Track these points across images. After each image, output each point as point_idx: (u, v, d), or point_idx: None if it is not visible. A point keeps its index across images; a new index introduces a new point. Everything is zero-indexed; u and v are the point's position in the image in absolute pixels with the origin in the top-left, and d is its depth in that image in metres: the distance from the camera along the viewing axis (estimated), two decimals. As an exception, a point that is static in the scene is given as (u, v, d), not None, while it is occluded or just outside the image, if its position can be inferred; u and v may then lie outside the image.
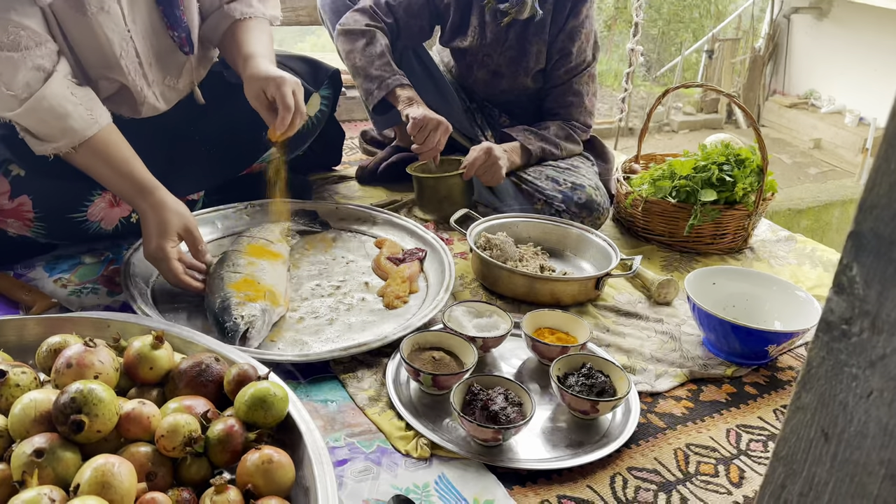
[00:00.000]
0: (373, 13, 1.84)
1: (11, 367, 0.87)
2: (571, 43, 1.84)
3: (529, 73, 1.89)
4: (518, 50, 1.86)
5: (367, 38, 1.79)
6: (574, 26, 1.83)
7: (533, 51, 1.85)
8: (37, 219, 1.35)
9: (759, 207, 1.71)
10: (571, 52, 1.85)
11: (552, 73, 1.89)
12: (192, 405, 0.89)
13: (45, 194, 1.34)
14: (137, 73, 1.41)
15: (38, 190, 1.33)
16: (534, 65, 1.87)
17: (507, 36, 1.85)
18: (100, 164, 1.28)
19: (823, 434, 0.51)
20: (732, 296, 1.42)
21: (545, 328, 1.31)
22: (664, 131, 8.23)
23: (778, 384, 1.30)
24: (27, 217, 1.34)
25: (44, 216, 1.35)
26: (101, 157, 1.27)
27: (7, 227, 1.35)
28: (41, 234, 1.38)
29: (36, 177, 1.32)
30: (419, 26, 1.90)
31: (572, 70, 1.88)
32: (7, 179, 1.30)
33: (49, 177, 1.32)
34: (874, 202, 0.46)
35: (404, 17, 1.86)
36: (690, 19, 11.91)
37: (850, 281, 0.48)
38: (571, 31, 1.83)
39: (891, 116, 0.45)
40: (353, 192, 1.96)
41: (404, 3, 1.86)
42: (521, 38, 1.84)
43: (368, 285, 1.46)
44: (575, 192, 1.73)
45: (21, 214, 1.34)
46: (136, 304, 1.25)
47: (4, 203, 1.32)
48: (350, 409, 1.13)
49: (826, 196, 4.06)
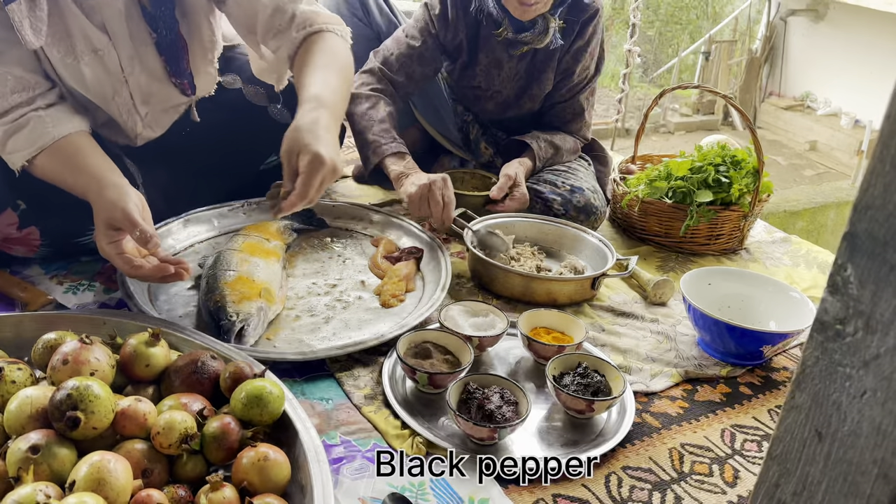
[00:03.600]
0: (381, 75, 1.78)
1: (7, 363, 0.88)
2: (576, 63, 1.80)
3: (537, 101, 1.87)
4: (528, 79, 1.83)
5: (371, 103, 1.73)
6: (579, 47, 1.79)
7: (542, 78, 1.82)
8: (43, 245, 1.37)
9: (754, 209, 1.71)
10: (574, 72, 1.82)
11: (554, 91, 1.86)
12: (188, 402, 0.89)
13: (52, 224, 1.36)
14: (130, 112, 1.41)
15: (45, 221, 1.35)
16: (541, 92, 1.85)
17: (518, 69, 1.81)
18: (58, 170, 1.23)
19: (817, 434, 0.51)
20: (728, 296, 1.43)
21: (541, 328, 1.31)
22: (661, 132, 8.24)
23: (772, 384, 1.30)
24: (34, 244, 1.37)
25: (50, 242, 1.37)
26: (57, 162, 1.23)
27: (13, 252, 1.38)
28: (46, 255, 1.41)
29: (41, 211, 1.33)
30: (433, 69, 1.84)
31: (574, 88, 1.85)
32: (16, 213, 1.32)
33: (54, 210, 1.33)
34: (869, 203, 0.46)
35: (418, 69, 1.80)
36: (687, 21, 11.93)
37: (844, 281, 0.48)
38: (577, 52, 1.79)
39: (885, 118, 0.46)
40: (350, 190, 1.96)
41: (415, 54, 1.78)
42: (531, 67, 1.81)
43: (365, 284, 1.46)
44: (574, 196, 1.73)
45: (28, 242, 1.36)
46: (132, 301, 1.24)
47: (13, 233, 1.34)
48: (346, 407, 1.13)
49: (821, 198, 4.07)
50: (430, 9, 1.79)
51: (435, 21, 1.78)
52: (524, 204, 1.71)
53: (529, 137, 1.82)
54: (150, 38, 1.36)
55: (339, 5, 1.89)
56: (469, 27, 1.78)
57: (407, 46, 1.78)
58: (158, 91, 1.43)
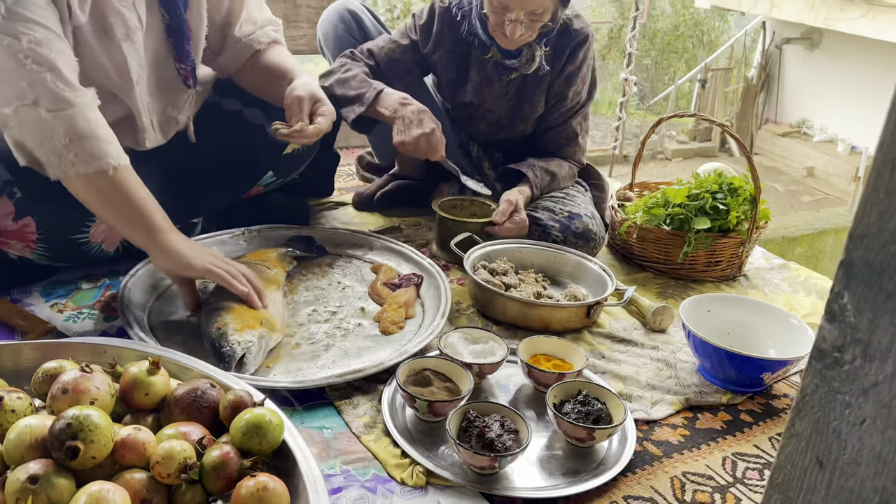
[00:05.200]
0: (352, 56, 1.84)
1: (7, 392, 0.87)
2: (568, 87, 1.84)
3: (528, 123, 1.90)
4: (518, 101, 1.86)
5: (343, 69, 1.79)
6: (571, 72, 1.82)
7: (533, 101, 1.85)
8: (40, 240, 1.35)
9: (752, 235, 1.72)
10: (567, 97, 1.85)
11: (547, 116, 1.89)
12: (188, 432, 0.89)
13: (49, 216, 1.34)
14: (144, 101, 1.43)
15: (41, 211, 1.33)
16: (533, 114, 1.88)
17: (508, 90, 1.84)
18: (117, 199, 1.24)
19: (818, 462, 0.51)
20: (727, 323, 1.43)
21: (541, 355, 1.31)
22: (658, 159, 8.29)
23: (773, 412, 1.30)
24: (31, 238, 1.34)
25: (47, 237, 1.35)
26: (121, 191, 1.23)
27: (9, 248, 1.35)
28: (43, 255, 1.38)
29: (37, 200, 1.32)
30: (405, 69, 1.89)
31: (567, 112, 1.88)
32: (11, 201, 1.30)
33: (51, 200, 1.32)
34: (864, 231, 0.47)
35: (386, 62, 1.86)
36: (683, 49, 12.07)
37: (841, 309, 0.48)
38: (568, 76, 1.83)
39: (878, 148, 0.46)
40: (349, 217, 1.97)
41: (387, 48, 1.86)
42: (522, 90, 1.84)
43: (365, 311, 1.46)
44: (572, 222, 1.74)
45: (25, 236, 1.34)
46: (132, 329, 1.24)
47: (8, 224, 1.32)
48: (345, 436, 1.13)
49: (820, 224, 4.09)
50: (416, 18, 1.89)
51: (417, 29, 1.87)
52: (523, 230, 1.72)
53: (525, 166, 1.84)
54: (162, 19, 1.41)
55: (335, 25, 1.94)
56: (460, 45, 1.84)
57: (385, 41, 1.88)
58: (165, 77, 1.46)
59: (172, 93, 1.50)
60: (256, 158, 1.63)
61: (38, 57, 1.16)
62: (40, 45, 1.16)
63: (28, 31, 1.16)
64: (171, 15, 1.41)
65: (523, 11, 1.62)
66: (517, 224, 1.71)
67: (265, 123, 1.66)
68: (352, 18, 1.96)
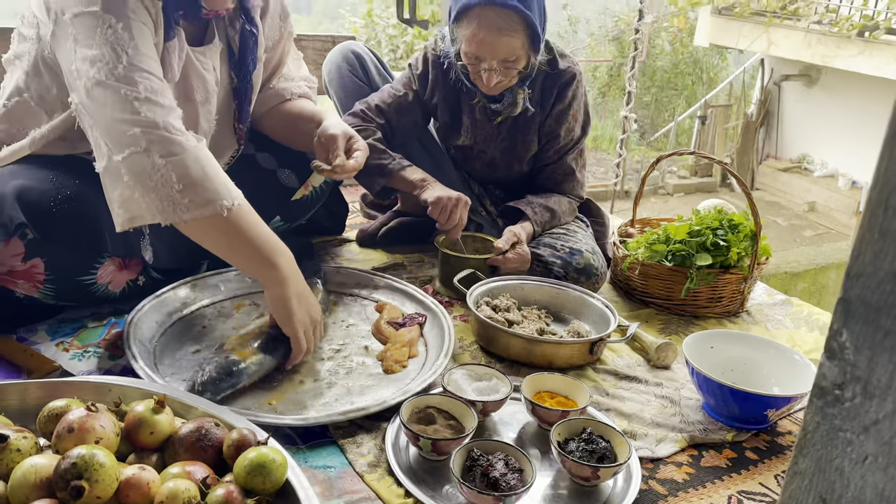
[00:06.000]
0: (364, 115, 1.88)
1: (13, 432, 0.88)
2: (559, 126, 1.87)
3: (523, 162, 1.93)
4: (511, 141, 1.90)
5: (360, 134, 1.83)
6: (561, 110, 1.86)
7: (526, 140, 1.89)
8: (47, 281, 1.36)
9: (753, 272, 1.73)
10: (559, 135, 1.88)
11: (542, 154, 1.92)
12: (192, 471, 0.89)
13: (58, 257, 1.35)
14: None
15: (51, 253, 1.34)
16: (527, 153, 1.91)
17: (500, 131, 1.89)
18: (236, 239, 1.26)
19: (822, 500, 0.51)
20: (730, 359, 1.43)
21: (545, 392, 1.31)
22: (659, 194, 8.34)
23: (778, 449, 1.29)
24: (38, 279, 1.36)
25: (54, 278, 1.36)
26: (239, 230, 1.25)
27: (16, 287, 1.36)
28: (49, 295, 1.39)
29: (48, 241, 1.33)
30: (412, 121, 1.94)
31: (562, 149, 1.91)
32: (23, 242, 1.32)
33: (61, 241, 1.33)
34: (860, 270, 0.48)
35: (395, 117, 1.90)
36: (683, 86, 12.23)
37: (840, 346, 0.49)
38: (559, 114, 1.86)
39: (872, 188, 0.47)
40: (353, 254, 1.98)
41: (394, 103, 1.90)
42: (513, 130, 1.88)
43: (368, 349, 1.47)
44: (573, 258, 1.75)
45: (32, 276, 1.35)
46: (137, 366, 1.25)
47: (17, 265, 1.33)
48: (349, 475, 1.12)
49: (822, 259, 4.10)
50: (412, 69, 1.94)
51: (416, 79, 1.92)
52: (525, 262, 1.73)
53: (524, 204, 1.86)
54: (231, 82, 1.49)
55: (339, 66, 2.01)
56: (451, 91, 1.90)
57: (389, 95, 1.92)
58: (223, 134, 1.53)
59: (225, 149, 1.57)
60: (264, 202, 1.65)
61: (153, 105, 1.20)
62: (155, 94, 1.21)
63: (144, 79, 1.21)
64: (241, 78, 1.49)
65: (495, 60, 1.67)
66: (520, 256, 1.72)
67: (276, 168, 1.70)
68: (356, 60, 2.01)
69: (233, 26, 1.48)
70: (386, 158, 1.82)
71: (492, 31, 1.62)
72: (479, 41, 1.64)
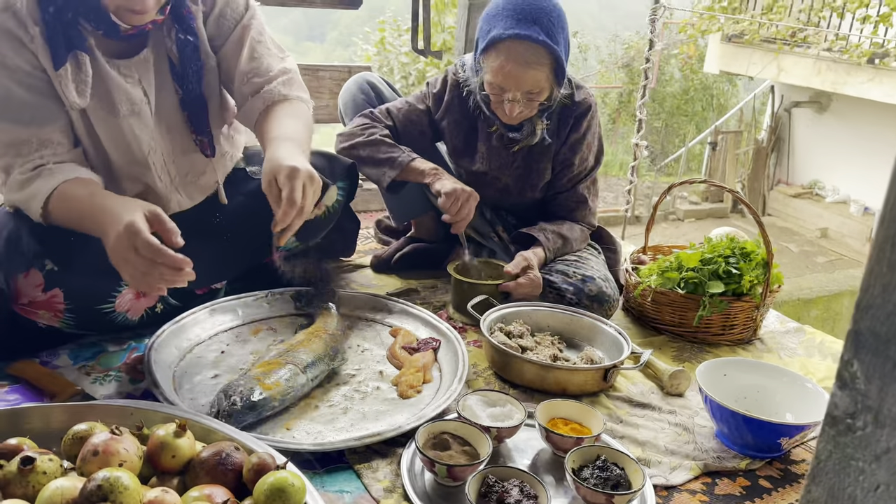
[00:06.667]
0: (372, 115, 1.92)
1: (39, 454, 0.90)
2: (574, 155, 1.89)
3: (536, 189, 1.95)
4: (525, 169, 1.92)
5: (367, 132, 1.86)
6: (576, 139, 1.88)
7: (540, 169, 1.91)
8: (67, 310, 1.39)
9: (766, 299, 1.73)
10: (573, 163, 1.90)
11: (555, 181, 1.94)
12: (212, 494, 0.90)
13: (77, 287, 1.39)
14: (163, 169, 1.50)
15: (70, 283, 1.38)
16: (540, 181, 1.93)
17: (515, 158, 1.91)
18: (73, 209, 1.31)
19: (835, 528, 0.52)
20: (744, 387, 1.43)
21: (559, 418, 1.32)
22: (670, 220, 8.33)
23: (792, 477, 1.29)
24: (58, 308, 1.39)
25: (74, 307, 1.40)
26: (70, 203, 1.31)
27: (38, 318, 1.39)
28: (70, 325, 1.42)
29: (67, 271, 1.37)
30: (419, 132, 1.96)
31: (575, 178, 1.93)
32: (41, 273, 1.35)
33: (79, 271, 1.37)
34: (869, 303, 0.49)
35: (403, 124, 1.93)
36: (693, 112, 12.27)
37: (851, 377, 0.50)
38: (574, 144, 1.88)
39: (880, 223, 0.49)
40: (368, 279, 2.00)
41: (404, 109, 1.94)
42: (528, 158, 1.91)
43: (383, 374, 1.48)
44: (586, 285, 1.77)
45: (53, 306, 1.38)
46: (157, 389, 1.27)
47: (38, 295, 1.36)
48: (365, 500, 1.13)
49: (835, 286, 4.08)
50: (430, 87, 1.99)
51: (430, 97, 1.96)
52: (537, 287, 1.74)
53: (536, 230, 1.88)
54: (176, 94, 1.49)
55: (354, 95, 2.04)
56: (467, 117, 1.92)
57: (401, 103, 1.97)
58: (184, 146, 1.53)
59: (195, 161, 1.57)
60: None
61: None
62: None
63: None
64: (185, 90, 1.49)
65: (520, 92, 1.69)
66: (531, 281, 1.73)
67: None
68: (370, 89, 2.05)
69: (170, 36, 1.46)
70: (395, 151, 1.83)
71: (519, 65, 1.65)
72: (505, 73, 1.67)
